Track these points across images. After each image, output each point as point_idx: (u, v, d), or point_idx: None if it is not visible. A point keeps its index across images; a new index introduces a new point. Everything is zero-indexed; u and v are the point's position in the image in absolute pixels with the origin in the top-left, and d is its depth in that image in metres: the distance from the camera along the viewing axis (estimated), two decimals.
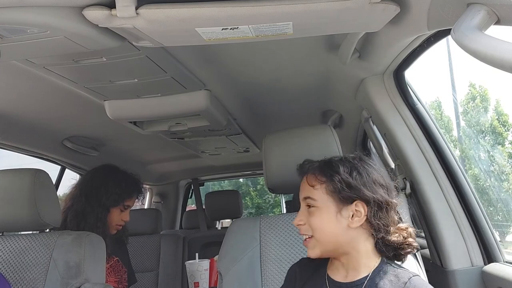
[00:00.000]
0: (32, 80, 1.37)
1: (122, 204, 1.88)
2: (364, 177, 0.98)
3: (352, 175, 0.97)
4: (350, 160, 1.02)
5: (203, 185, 4.17)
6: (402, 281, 0.95)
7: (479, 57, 0.64)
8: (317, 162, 1.05)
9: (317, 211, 0.99)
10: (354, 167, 0.99)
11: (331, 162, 1.02)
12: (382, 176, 1.01)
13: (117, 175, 1.92)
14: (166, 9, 0.86)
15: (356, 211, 0.97)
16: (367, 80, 1.49)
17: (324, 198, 0.98)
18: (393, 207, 1.00)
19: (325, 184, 0.98)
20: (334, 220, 0.98)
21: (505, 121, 6.88)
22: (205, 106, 1.64)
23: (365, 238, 0.99)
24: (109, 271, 1.85)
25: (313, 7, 0.86)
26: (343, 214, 0.97)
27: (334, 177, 0.97)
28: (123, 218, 1.90)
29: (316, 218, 0.99)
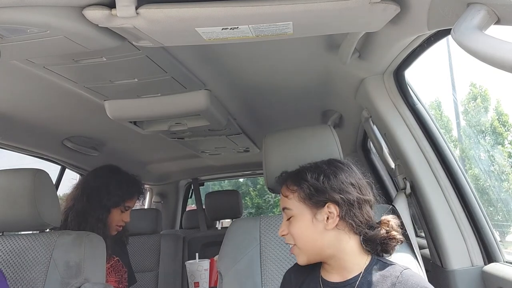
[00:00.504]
0: (32, 80, 1.37)
1: (123, 205, 1.88)
2: (332, 179, 1.02)
3: (320, 180, 1.02)
4: (318, 165, 1.07)
5: (203, 185, 4.17)
6: (394, 275, 0.97)
7: (479, 57, 0.64)
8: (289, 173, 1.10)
9: (294, 219, 1.03)
10: (321, 172, 1.04)
11: (299, 170, 1.08)
12: (352, 176, 1.05)
13: (118, 176, 1.92)
14: (166, 9, 0.86)
15: (329, 213, 1.00)
16: (367, 80, 1.49)
17: (298, 206, 1.03)
18: (367, 203, 1.04)
19: (296, 192, 1.03)
20: (311, 225, 1.02)
21: (505, 121, 6.88)
22: (205, 106, 1.64)
23: (348, 238, 1.01)
24: (109, 271, 1.85)
25: (313, 7, 0.86)
26: (318, 218, 1.01)
27: (303, 184, 1.03)
28: (123, 218, 1.90)
29: (294, 227, 1.03)
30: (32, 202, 1.47)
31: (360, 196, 1.02)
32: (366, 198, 1.03)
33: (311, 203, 1.02)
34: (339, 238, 1.01)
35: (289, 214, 1.05)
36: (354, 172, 1.06)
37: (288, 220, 1.05)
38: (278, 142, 1.41)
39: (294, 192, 1.04)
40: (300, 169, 1.08)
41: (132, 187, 1.92)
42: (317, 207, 1.01)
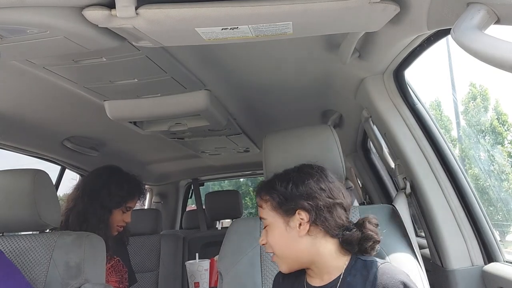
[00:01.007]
0: (32, 80, 1.37)
1: (124, 205, 1.88)
2: (300, 186, 1.04)
3: (288, 188, 1.05)
4: (288, 173, 1.10)
5: (203, 185, 4.17)
6: (372, 271, 0.99)
7: (479, 57, 0.64)
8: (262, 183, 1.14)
9: (269, 228, 1.07)
10: (290, 180, 1.06)
11: (270, 180, 1.11)
12: (322, 181, 1.06)
13: (119, 176, 1.92)
14: (166, 9, 0.86)
15: (300, 220, 1.02)
16: (367, 79, 1.49)
17: (271, 215, 1.06)
18: (340, 206, 1.05)
19: (269, 201, 1.07)
20: (285, 233, 1.04)
21: (504, 121, 6.88)
22: (205, 106, 1.64)
23: (324, 242, 1.03)
24: (110, 271, 1.85)
25: (312, 7, 0.86)
26: (291, 225, 1.04)
27: (273, 194, 1.06)
28: (124, 219, 1.90)
29: (270, 236, 1.06)
30: (32, 202, 1.47)
31: (330, 201, 1.03)
32: (337, 202, 1.04)
33: (282, 212, 1.04)
34: (314, 243, 1.03)
35: (265, 224, 1.08)
36: (324, 177, 1.08)
37: (266, 229, 1.08)
38: (278, 142, 1.41)
39: (267, 201, 1.07)
40: (272, 178, 1.11)
41: (133, 187, 1.92)
42: (289, 215, 1.04)
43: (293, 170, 1.11)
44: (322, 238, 1.03)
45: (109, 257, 1.89)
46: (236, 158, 3.03)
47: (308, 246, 1.03)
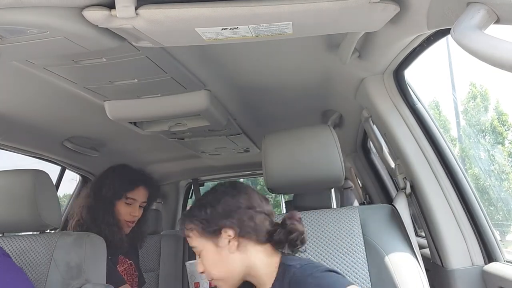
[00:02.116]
0: (32, 80, 1.37)
1: (124, 196, 1.85)
2: (217, 207, 1.08)
3: (207, 211, 1.08)
4: (203, 197, 1.14)
5: (203, 185, 4.17)
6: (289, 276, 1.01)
7: (478, 56, 0.64)
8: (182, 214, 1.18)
9: (202, 255, 1.09)
10: (206, 203, 1.10)
11: (189, 210, 1.15)
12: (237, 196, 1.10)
13: (121, 169, 1.92)
14: (166, 9, 0.86)
15: (228, 237, 1.06)
16: (367, 79, 1.49)
17: (200, 241, 1.09)
18: (260, 214, 1.09)
19: (194, 229, 1.09)
20: (217, 254, 1.07)
21: (504, 121, 6.88)
22: (205, 106, 1.64)
23: (255, 251, 1.07)
24: (122, 274, 1.85)
25: (312, 7, 0.86)
26: (221, 245, 1.06)
27: (195, 221, 1.09)
28: (131, 212, 1.86)
29: (205, 262, 1.09)
30: (32, 203, 1.47)
31: (250, 211, 1.07)
32: (257, 210, 1.09)
33: (208, 235, 1.07)
34: (247, 255, 1.06)
35: (197, 252, 1.11)
36: (239, 191, 1.11)
37: (199, 258, 1.11)
38: (278, 142, 1.41)
39: (192, 230, 1.10)
40: (191, 207, 1.16)
41: (133, 178, 1.89)
42: (216, 236, 1.07)
43: (209, 193, 1.15)
44: (252, 248, 1.07)
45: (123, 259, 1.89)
46: (236, 158, 3.03)
47: (242, 260, 1.06)
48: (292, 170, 1.37)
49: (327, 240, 1.32)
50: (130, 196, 1.86)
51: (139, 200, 1.88)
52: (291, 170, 1.38)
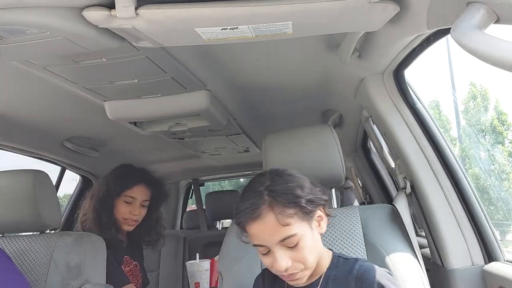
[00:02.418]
0: (32, 81, 1.37)
1: (122, 194, 1.83)
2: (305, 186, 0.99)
3: (307, 191, 0.97)
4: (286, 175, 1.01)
5: (203, 185, 4.17)
6: (355, 269, 0.99)
7: (478, 56, 0.64)
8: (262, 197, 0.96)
9: (300, 243, 0.95)
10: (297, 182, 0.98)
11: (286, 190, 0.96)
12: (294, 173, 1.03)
13: (120, 168, 1.92)
14: (166, 9, 0.86)
15: (318, 217, 1.00)
16: (367, 79, 1.49)
17: (301, 226, 0.95)
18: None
19: (295, 214, 0.94)
20: (312, 239, 0.98)
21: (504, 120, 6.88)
22: (205, 106, 1.64)
23: (319, 236, 1.02)
24: (128, 275, 1.85)
25: (312, 6, 0.86)
26: (313, 227, 0.99)
27: (300, 202, 0.95)
28: (131, 211, 1.84)
29: (303, 251, 0.95)
30: (32, 203, 1.47)
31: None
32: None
33: (307, 217, 0.96)
34: (320, 239, 1.02)
35: (294, 241, 0.94)
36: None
37: (291, 249, 0.95)
38: (278, 142, 1.41)
39: (293, 215, 0.94)
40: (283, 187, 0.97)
41: (129, 176, 1.87)
42: (312, 217, 0.98)
43: (282, 173, 1.02)
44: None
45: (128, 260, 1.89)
46: (236, 158, 3.03)
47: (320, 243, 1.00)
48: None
49: (327, 240, 1.32)
50: (129, 195, 1.84)
51: (139, 199, 1.86)
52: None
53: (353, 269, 0.99)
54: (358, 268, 0.99)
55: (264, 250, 0.97)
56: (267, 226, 0.94)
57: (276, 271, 0.98)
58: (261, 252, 0.99)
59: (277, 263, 0.94)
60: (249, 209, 0.96)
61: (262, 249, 0.97)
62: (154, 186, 1.94)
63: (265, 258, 0.98)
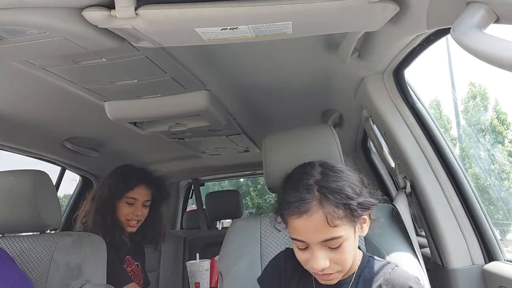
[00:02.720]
0: (31, 81, 1.37)
1: (125, 196, 1.83)
2: (356, 185, 0.95)
3: (356, 192, 0.93)
4: (340, 174, 0.95)
5: (203, 185, 4.17)
6: (386, 272, 0.98)
7: (478, 56, 0.64)
8: (312, 192, 0.91)
9: (343, 246, 0.91)
10: (348, 180, 0.94)
11: (338, 188, 0.91)
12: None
13: (120, 169, 1.91)
14: (166, 9, 0.86)
15: (363, 220, 0.97)
16: (367, 79, 1.49)
17: (346, 229, 0.91)
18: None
19: (345, 217, 0.90)
20: (354, 242, 0.95)
21: (504, 120, 6.88)
22: (205, 106, 1.64)
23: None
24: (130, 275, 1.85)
25: (312, 6, 0.86)
26: (356, 229, 0.95)
27: (352, 205, 0.90)
28: (134, 212, 1.84)
29: (344, 253, 0.91)
30: (32, 203, 1.47)
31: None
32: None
33: (356, 220, 0.92)
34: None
35: (338, 243, 0.90)
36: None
37: (332, 250, 0.91)
38: (278, 142, 1.41)
39: (343, 217, 0.89)
40: (329, 185, 0.92)
41: (130, 177, 1.87)
42: (358, 220, 0.94)
43: (330, 169, 0.96)
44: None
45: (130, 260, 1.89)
46: (236, 158, 3.03)
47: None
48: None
49: None
50: (130, 196, 1.84)
51: (140, 200, 1.87)
52: (291, 170, 1.37)
53: (384, 271, 0.99)
54: (391, 272, 0.98)
55: (303, 245, 0.93)
56: (314, 223, 0.89)
57: (310, 269, 0.94)
58: (298, 246, 0.94)
59: (316, 263, 0.90)
60: (297, 202, 0.90)
61: (300, 244, 0.93)
62: (155, 186, 1.95)
63: (301, 253, 0.94)
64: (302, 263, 0.96)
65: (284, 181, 1.01)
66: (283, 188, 0.98)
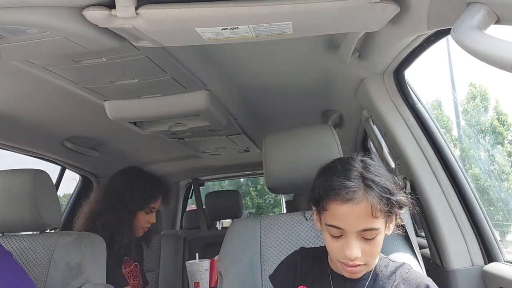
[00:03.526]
0: (32, 80, 1.37)
1: (148, 207, 1.86)
2: (395, 182, 0.96)
3: (395, 189, 0.94)
4: (378, 167, 0.97)
5: (203, 185, 4.17)
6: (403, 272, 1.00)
7: (479, 57, 0.64)
8: (358, 181, 0.93)
9: (376, 238, 0.93)
10: (387, 176, 0.95)
11: (381, 181, 0.93)
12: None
13: (142, 178, 1.90)
14: (166, 9, 0.86)
15: (394, 217, 0.98)
16: (367, 79, 1.49)
17: (382, 222, 0.93)
18: None
19: (385, 209, 0.92)
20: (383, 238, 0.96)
21: (504, 121, 6.88)
22: (205, 106, 1.64)
23: None
24: (128, 276, 1.84)
25: (312, 7, 0.86)
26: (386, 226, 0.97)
27: (392, 200, 0.92)
28: (149, 220, 1.88)
29: (376, 247, 0.94)
30: (32, 202, 1.47)
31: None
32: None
33: (389, 216, 0.95)
34: None
35: (373, 235, 0.92)
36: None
37: (366, 241, 0.92)
38: (279, 142, 1.41)
39: (383, 210, 0.91)
40: (373, 178, 0.93)
41: (156, 188, 1.90)
42: (391, 216, 0.96)
43: (366, 162, 0.97)
44: None
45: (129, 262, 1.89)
46: (236, 158, 3.03)
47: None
48: (293, 170, 1.37)
49: None
50: (153, 206, 1.87)
51: (157, 207, 1.91)
52: (291, 170, 1.38)
53: (401, 271, 1.01)
54: (408, 272, 1.00)
55: (338, 233, 0.93)
56: (358, 211, 0.90)
57: (342, 257, 0.94)
58: (332, 233, 0.94)
59: (350, 251, 0.91)
60: (344, 189, 0.90)
61: (336, 231, 0.93)
62: (168, 193, 1.99)
63: (334, 241, 0.94)
64: (333, 251, 0.96)
65: (323, 170, 1.02)
66: (324, 176, 0.98)
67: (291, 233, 1.37)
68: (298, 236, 1.35)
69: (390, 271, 1.01)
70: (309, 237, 1.34)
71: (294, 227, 1.37)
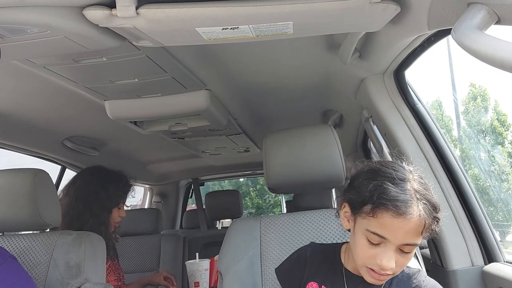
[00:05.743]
0: (32, 80, 1.37)
1: (122, 202, 1.94)
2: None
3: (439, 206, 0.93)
4: (427, 183, 0.96)
5: (203, 185, 4.18)
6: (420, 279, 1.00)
7: (479, 57, 0.64)
8: (413, 196, 0.91)
9: (411, 253, 0.92)
10: (433, 195, 0.94)
11: (431, 200, 0.92)
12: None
13: (110, 175, 1.95)
14: (166, 9, 0.86)
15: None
16: (368, 80, 1.49)
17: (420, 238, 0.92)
18: None
19: (430, 228, 0.92)
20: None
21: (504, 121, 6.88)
22: (205, 106, 1.64)
23: None
24: (108, 271, 1.86)
25: (313, 7, 0.86)
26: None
27: (436, 219, 0.91)
28: (120, 214, 1.95)
29: (408, 259, 0.93)
30: (32, 202, 1.47)
31: None
32: None
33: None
34: None
35: (411, 250, 0.91)
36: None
37: (401, 254, 0.91)
38: (279, 142, 1.41)
39: (429, 228, 0.91)
40: (426, 195, 0.92)
41: (125, 185, 1.98)
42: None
43: (418, 176, 0.97)
44: None
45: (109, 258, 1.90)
46: (236, 158, 3.03)
47: None
48: (293, 170, 1.37)
49: (328, 240, 1.32)
50: (124, 200, 1.96)
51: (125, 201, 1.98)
52: (292, 170, 1.38)
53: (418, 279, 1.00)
54: (425, 280, 1.00)
55: (379, 241, 0.90)
56: (409, 227, 0.88)
57: (373, 265, 0.92)
58: (372, 240, 0.91)
59: (388, 261, 0.89)
60: (400, 202, 0.88)
61: (377, 239, 0.90)
62: (130, 186, 2.05)
63: (369, 248, 0.92)
64: (364, 257, 0.93)
65: (373, 172, 0.97)
66: (375, 180, 0.94)
67: (291, 233, 1.37)
68: (298, 236, 1.35)
69: (406, 277, 1.01)
70: (309, 237, 1.34)
71: (294, 227, 1.37)
